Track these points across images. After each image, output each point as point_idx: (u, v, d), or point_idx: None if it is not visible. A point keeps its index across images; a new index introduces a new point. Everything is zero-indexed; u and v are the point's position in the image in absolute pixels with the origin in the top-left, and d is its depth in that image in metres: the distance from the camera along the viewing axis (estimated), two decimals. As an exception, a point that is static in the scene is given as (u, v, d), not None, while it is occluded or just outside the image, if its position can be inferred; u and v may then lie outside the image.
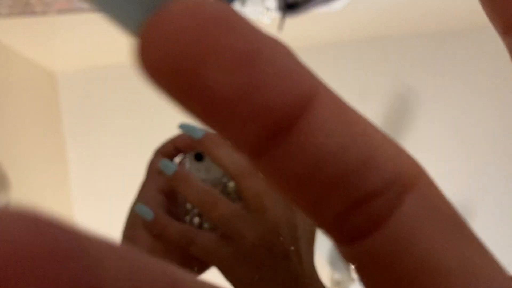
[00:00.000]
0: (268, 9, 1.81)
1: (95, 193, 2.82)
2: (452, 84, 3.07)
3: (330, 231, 0.09)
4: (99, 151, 2.83)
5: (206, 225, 0.40)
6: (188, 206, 0.41)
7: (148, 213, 0.36)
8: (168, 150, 0.41)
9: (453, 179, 3.03)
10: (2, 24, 1.88)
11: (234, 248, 0.34)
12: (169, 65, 0.08)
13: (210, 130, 0.13)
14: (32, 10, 1.77)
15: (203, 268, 0.39)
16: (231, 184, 0.41)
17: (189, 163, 0.41)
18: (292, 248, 0.34)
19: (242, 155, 0.10)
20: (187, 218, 0.40)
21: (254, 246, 0.33)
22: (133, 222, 0.39)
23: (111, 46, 2.52)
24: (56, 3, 1.74)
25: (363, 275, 0.09)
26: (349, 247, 0.09)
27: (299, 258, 0.34)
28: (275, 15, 1.85)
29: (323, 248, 2.55)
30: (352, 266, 0.10)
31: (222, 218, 0.35)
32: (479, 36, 3.09)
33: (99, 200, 2.81)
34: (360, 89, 2.99)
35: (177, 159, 0.43)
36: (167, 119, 2.88)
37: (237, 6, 1.71)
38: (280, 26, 1.81)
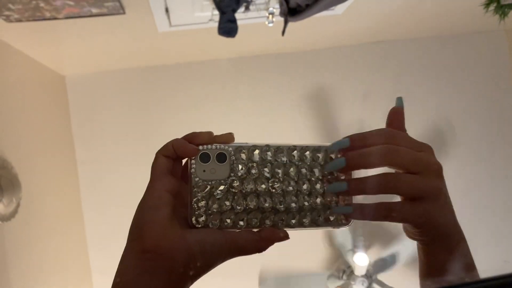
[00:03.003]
0: (271, 14, 1.83)
1: (103, 192, 2.85)
2: (449, 85, 3.10)
3: None
4: (106, 152, 2.86)
5: (211, 225, 0.41)
6: (195, 205, 0.41)
7: (341, 185, 0.42)
8: (169, 152, 0.42)
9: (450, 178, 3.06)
10: (13, 29, 1.90)
11: (425, 204, 0.40)
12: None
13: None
14: (42, 15, 1.79)
15: (208, 266, 0.40)
16: (235, 184, 0.41)
17: (196, 164, 0.41)
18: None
19: None
20: (194, 217, 0.40)
21: (438, 195, 0.41)
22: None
23: (119, 50, 2.56)
24: (66, 8, 1.76)
25: None
26: None
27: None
28: (278, 20, 1.87)
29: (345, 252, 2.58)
30: None
31: (404, 187, 0.40)
32: (477, 41, 3.14)
33: (107, 199, 2.85)
34: (364, 90, 3.03)
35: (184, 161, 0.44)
36: (171, 122, 2.93)
37: (241, 11, 1.74)
38: (283, 31, 1.84)
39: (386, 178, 0.40)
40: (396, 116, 0.47)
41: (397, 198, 0.42)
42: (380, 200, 0.41)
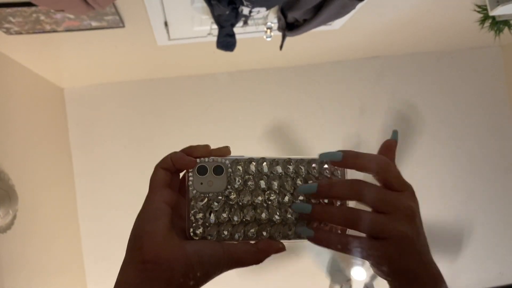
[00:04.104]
0: (269, 28, 1.85)
1: (100, 204, 2.84)
2: (445, 100, 3.12)
3: None
4: (104, 164, 2.86)
5: (209, 237, 0.41)
6: (192, 217, 0.41)
7: (308, 231, 0.41)
8: (167, 165, 0.42)
9: (449, 191, 3.06)
10: (12, 41, 1.91)
11: (388, 244, 0.39)
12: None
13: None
14: (42, 28, 1.81)
15: (206, 277, 0.40)
16: (232, 196, 0.42)
17: (193, 177, 0.42)
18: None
19: None
20: (192, 229, 0.41)
21: (404, 240, 0.39)
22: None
23: (118, 63, 2.58)
24: (66, 21, 1.78)
25: None
26: None
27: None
28: (276, 34, 1.89)
29: (323, 261, 2.57)
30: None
31: (369, 225, 0.39)
32: (473, 56, 3.17)
33: (104, 211, 2.84)
34: (360, 105, 3.05)
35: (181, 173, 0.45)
36: (169, 135, 2.94)
37: (239, 26, 1.76)
38: (281, 45, 1.86)
39: (349, 213, 0.40)
40: (389, 149, 0.46)
41: None
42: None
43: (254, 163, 0.43)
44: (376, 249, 0.39)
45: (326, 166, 0.43)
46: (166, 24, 1.96)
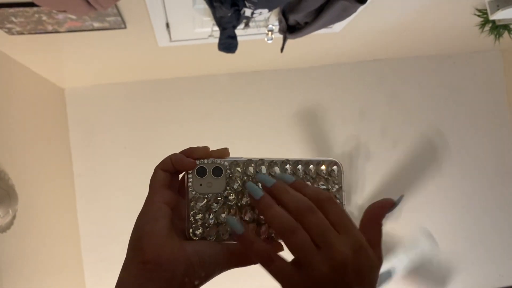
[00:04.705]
0: (270, 31, 1.86)
1: (99, 204, 2.84)
2: (444, 104, 3.13)
3: None
4: (103, 165, 2.86)
5: (208, 237, 0.42)
6: (192, 218, 0.41)
7: (238, 227, 0.39)
8: (167, 167, 0.43)
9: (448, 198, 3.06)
10: (14, 41, 1.92)
11: (305, 277, 0.36)
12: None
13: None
14: (44, 28, 1.81)
15: (206, 277, 0.40)
16: (231, 197, 0.42)
17: (192, 178, 0.42)
18: None
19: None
20: (191, 230, 0.41)
21: (321, 281, 0.35)
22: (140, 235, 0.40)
23: (119, 64, 2.58)
24: (68, 22, 1.78)
25: None
26: None
27: None
28: (277, 36, 1.90)
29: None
30: None
31: (318, 224, 0.37)
32: (473, 60, 3.18)
33: (103, 211, 2.84)
34: (360, 108, 3.05)
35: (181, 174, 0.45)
36: (169, 136, 2.94)
37: (241, 28, 1.76)
38: (282, 47, 1.86)
39: (288, 222, 0.38)
40: (382, 209, 0.40)
41: None
42: None
43: (252, 165, 0.43)
44: (289, 275, 0.37)
45: (323, 167, 0.44)
46: (167, 25, 1.97)
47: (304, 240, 0.37)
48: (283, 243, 0.39)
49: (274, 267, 0.37)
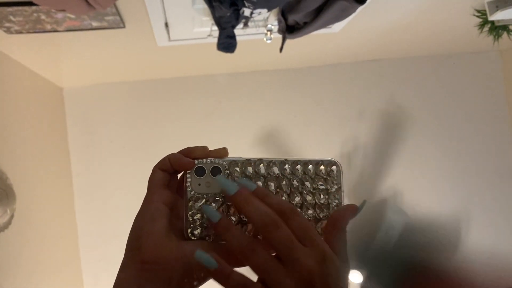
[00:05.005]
0: (269, 31, 1.86)
1: (98, 204, 2.84)
2: (444, 104, 3.13)
3: None
4: (102, 165, 2.86)
5: (206, 237, 0.41)
6: (190, 218, 0.41)
7: (211, 262, 0.37)
8: (166, 167, 0.43)
9: (445, 193, 3.07)
10: (12, 40, 1.91)
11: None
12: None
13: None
14: (43, 27, 1.81)
15: (204, 277, 0.40)
16: None
17: (191, 178, 0.42)
18: None
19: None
20: (189, 229, 0.41)
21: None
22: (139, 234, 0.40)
23: (118, 63, 2.58)
24: (67, 21, 1.78)
25: None
26: None
27: None
28: (276, 36, 1.90)
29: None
30: None
31: (282, 239, 0.36)
32: (472, 60, 3.18)
33: (101, 211, 2.83)
34: (360, 108, 3.05)
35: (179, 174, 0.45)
36: (168, 136, 2.94)
37: (240, 28, 1.76)
38: (281, 47, 1.86)
39: (248, 244, 0.37)
40: (345, 215, 0.40)
41: None
42: None
43: (251, 164, 0.43)
44: None
45: (322, 167, 0.44)
46: (166, 25, 1.97)
47: (267, 259, 0.36)
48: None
49: (233, 284, 0.36)
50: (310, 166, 0.44)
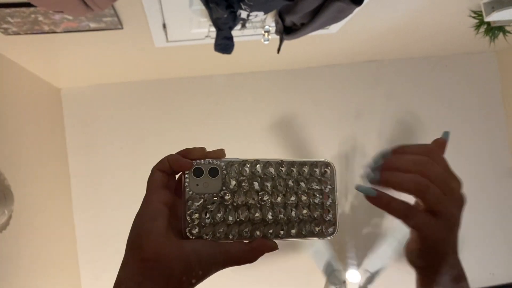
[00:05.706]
0: (267, 32, 1.86)
1: (95, 205, 2.84)
2: (440, 105, 3.14)
3: None
4: (100, 165, 2.86)
5: (204, 236, 0.42)
6: (188, 218, 0.42)
7: (370, 191, 0.44)
8: (164, 167, 0.43)
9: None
10: (10, 41, 1.91)
11: (444, 222, 0.44)
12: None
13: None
14: (40, 29, 1.81)
15: (203, 276, 0.41)
16: (227, 197, 0.43)
17: (189, 178, 0.43)
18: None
19: None
20: (188, 229, 0.42)
21: (455, 221, 0.45)
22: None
23: (116, 64, 2.58)
24: (64, 22, 1.78)
25: None
26: None
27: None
28: (274, 37, 1.90)
29: (320, 263, 2.58)
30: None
31: (436, 197, 0.43)
32: (468, 61, 3.20)
33: (99, 212, 2.84)
34: (357, 108, 3.06)
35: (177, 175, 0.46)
36: (165, 137, 2.94)
37: (237, 29, 1.77)
38: (279, 48, 1.86)
39: (420, 180, 0.43)
40: (438, 147, 0.48)
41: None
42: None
43: (248, 165, 0.44)
44: (431, 222, 0.43)
45: (316, 168, 0.45)
46: (164, 26, 1.97)
47: (438, 192, 0.43)
48: (416, 199, 0.45)
49: (417, 220, 0.43)
50: (305, 167, 0.45)
